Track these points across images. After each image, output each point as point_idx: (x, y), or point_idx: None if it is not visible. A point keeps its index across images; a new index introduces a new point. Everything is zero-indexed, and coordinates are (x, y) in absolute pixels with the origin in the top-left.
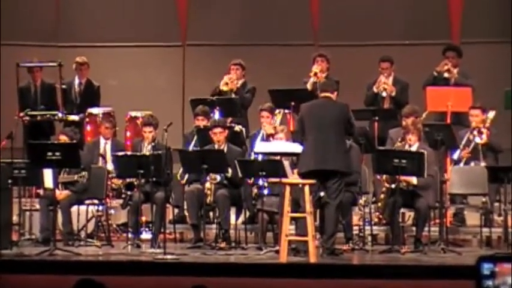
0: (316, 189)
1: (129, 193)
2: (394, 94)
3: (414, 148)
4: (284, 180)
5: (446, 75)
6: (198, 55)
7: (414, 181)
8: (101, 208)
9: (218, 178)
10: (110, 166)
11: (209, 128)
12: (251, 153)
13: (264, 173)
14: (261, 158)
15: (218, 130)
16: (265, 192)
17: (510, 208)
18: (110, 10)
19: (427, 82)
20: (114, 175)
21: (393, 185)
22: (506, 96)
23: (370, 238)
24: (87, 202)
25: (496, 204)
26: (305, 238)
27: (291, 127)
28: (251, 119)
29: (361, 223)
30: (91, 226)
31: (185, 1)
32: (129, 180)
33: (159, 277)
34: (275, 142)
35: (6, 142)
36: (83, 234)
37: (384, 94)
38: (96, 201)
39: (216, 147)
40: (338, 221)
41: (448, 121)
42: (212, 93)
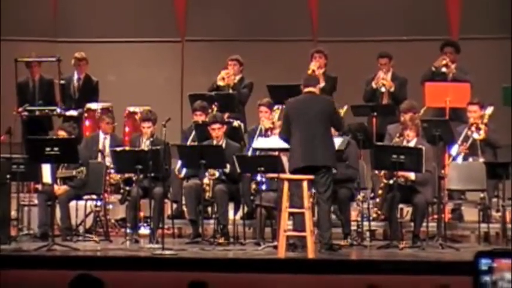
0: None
1: (128, 188)
2: (393, 90)
3: (412, 144)
4: (282, 175)
5: (444, 70)
6: (197, 51)
7: (412, 177)
8: (99, 203)
9: (217, 174)
10: (109, 161)
11: (207, 124)
12: (249, 148)
13: (262, 169)
14: (259, 154)
15: (217, 126)
16: (263, 187)
17: (509, 204)
18: (109, 5)
19: (425, 77)
20: (112, 170)
21: (391, 181)
22: (504, 92)
23: (368, 234)
24: (85, 197)
25: (494, 200)
26: (303, 234)
27: None
28: (249, 115)
29: (359, 219)
30: (89, 221)
31: None
32: (128, 175)
33: (158, 272)
34: (273, 137)
35: (4, 137)
36: (81, 229)
37: (383, 90)
38: (94, 196)
39: (215, 142)
40: (330, 214)
41: (447, 117)
42: (210, 88)
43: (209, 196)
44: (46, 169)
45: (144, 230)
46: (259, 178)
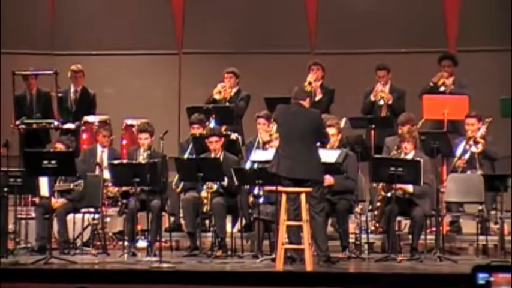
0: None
1: (125, 201)
2: (391, 102)
3: (410, 156)
4: (280, 188)
5: (442, 89)
6: (195, 63)
7: (410, 189)
8: (97, 216)
9: (215, 187)
10: (106, 174)
11: (205, 136)
12: (247, 161)
13: (260, 181)
14: (257, 166)
15: (214, 139)
16: (261, 200)
17: (507, 216)
18: (106, 18)
19: (424, 92)
20: (110, 183)
21: (389, 193)
22: (502, 104)
23: (366, 246)
24: (83, 210)
25: (493, 212)
26: (301, 246)
27: None
28: (246, 127)
29: (357, 231)
30: (87, 234)
31: (181, 9)
32: (125, 188)
33: (155, 285)
34: (271, 150)
35: (2, 150)
36: (79, 242)
37: (381, 102)
38: (92, 209)
39: (213, 155)
40: (325, 226)
41: (445, 129)
42: (207, 101)
43: (207, 209)
44: (43, 182)
45: (142, 243)
46: (257, 191)
